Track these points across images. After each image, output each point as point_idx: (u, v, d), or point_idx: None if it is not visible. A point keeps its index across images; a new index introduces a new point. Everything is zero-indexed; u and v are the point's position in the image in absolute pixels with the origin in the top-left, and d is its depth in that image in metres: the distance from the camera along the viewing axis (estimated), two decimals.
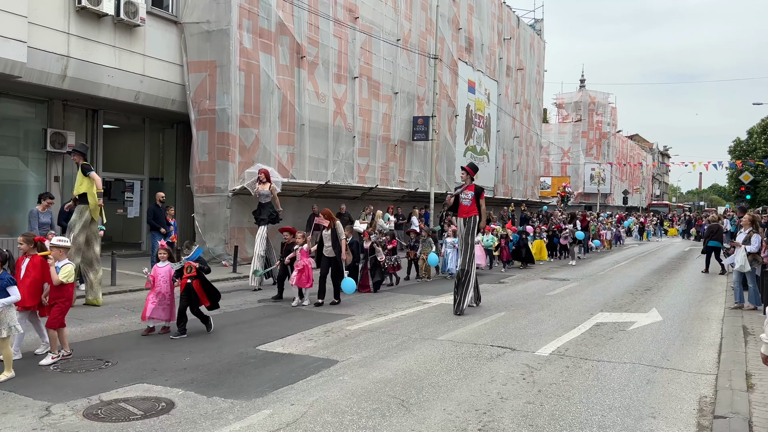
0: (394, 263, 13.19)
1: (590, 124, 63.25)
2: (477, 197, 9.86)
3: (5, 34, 11.38)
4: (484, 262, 15.74)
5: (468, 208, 9.87)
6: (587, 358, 7.06)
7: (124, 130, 17.91)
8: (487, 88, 31.39)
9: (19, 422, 4.69)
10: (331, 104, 19.47)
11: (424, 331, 8.34)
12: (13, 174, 14.73)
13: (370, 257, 12.23)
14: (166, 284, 7.93)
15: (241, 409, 5.08)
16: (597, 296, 12.16)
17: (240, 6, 15.82)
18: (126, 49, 14.55)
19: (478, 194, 9.88)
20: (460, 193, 9.93)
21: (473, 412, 5.13)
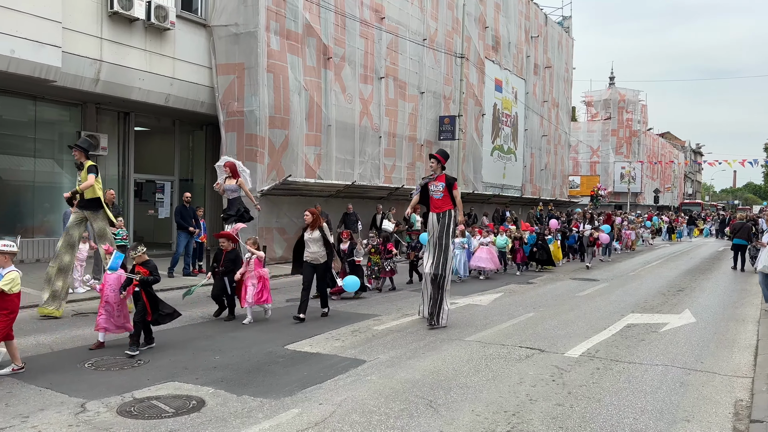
0: (389, 267, 12.27)
1: (620, 122, 62.28)
2: (450, 188, 8.72)
3: (41, 39, 11.68)
4: (495, 265, 14.84)
5: (441, 201, 8.69)
6: (618, 359, 6.95)
7: (154, 132, 18.24)
8: (514, 86, 31.13)
9: (55, 418, 4.80)
10: (358, 105, 19.53)
11: (451, 332, 8.31)
12: (49, 176, 15.11)
13: (348, 260, 11.27)
14: (114, 293, 7.17)
15: (270, 407, 5.13)
16: (628, 297, 11.96)
17: (267, 8, 15.96)
18: (156, 52, 14.80)
19: (450, 185, 8.71)
20: (429, 185, 8.77)
21: (502, 413, 5.09)
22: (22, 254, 13.97)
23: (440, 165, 8.81)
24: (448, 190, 8.69)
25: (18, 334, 7.71)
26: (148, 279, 7.07)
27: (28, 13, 11.45)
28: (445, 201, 8.64)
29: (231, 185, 11.10)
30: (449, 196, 8.68)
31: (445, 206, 8.65)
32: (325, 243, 9.07)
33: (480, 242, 14.70)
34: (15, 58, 11.32)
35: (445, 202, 8.65)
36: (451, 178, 8.77)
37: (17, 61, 11.39)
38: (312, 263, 9.09)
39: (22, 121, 14.45)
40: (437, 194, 8.73)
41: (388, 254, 12.34)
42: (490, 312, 9.99)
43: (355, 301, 10.93)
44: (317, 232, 9.06)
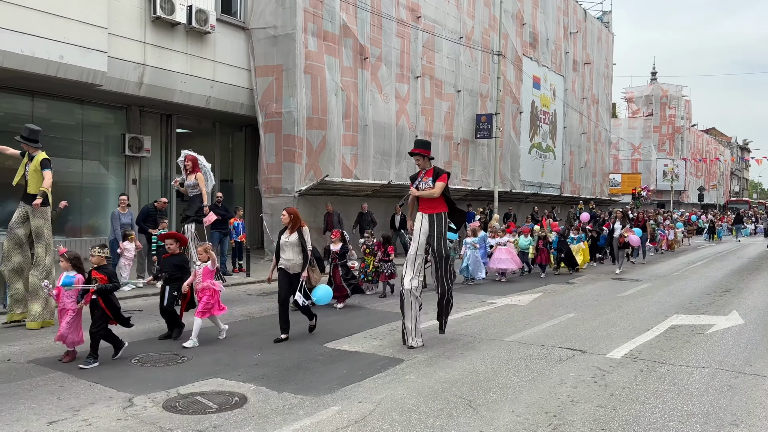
0: (388, 271, 11.36)
1: (662, 118, 60.76)
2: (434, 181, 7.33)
3: (88, 45, 12.05)
4: (517, 264, 14.14)
5: (432, 201, 7.34)
6: (662, 361, 6.79)
7: (195, 134, 18.62)
8: (552, 83, 30.70)
9: (105, 412, 4.96)
10: (394, 104, 19.55)
11: (489, 332, 8.25)
12: (95, 177, 15.59)
13: (341, 263, 10.29)
14: (71, 300, 6.51)
15: (311, 405, 5.19)
16: (672, 298, 11.67)
17: (305, 10, 16.13)
18: (197, 55, 15.11)
19: (436, 179, 7.30)
20: (419, 183, 7.42)
21: (543, 414, 5.04)
22: None
23: (425, 158, 7.50)
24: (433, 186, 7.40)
25: None
26: (105, 287, 6.38)
27: (76, 19, 11.83)
28: (439, 200, 7.35)
29: (191, 181, 10.13)
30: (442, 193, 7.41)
31: (439, 207, 7.33)
32: (303, 249, 7.70)
33: (497, 243, 13.96)
34: (64, 64, 11.72)
35: (438, 202, 7.35)
36: (440, 171, 7.46)
37: (66, 67, 11.79)
38: (287, 271, 7.69)
39: (70, 125, 14.94)
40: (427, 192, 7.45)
41: (387, 257, 11.33)
42: (529, 312, 9.88)
43: (392, 300, 10.94)
44: (295, 236, 7.71)
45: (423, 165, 7.50)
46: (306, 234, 7.82)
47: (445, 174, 7.40)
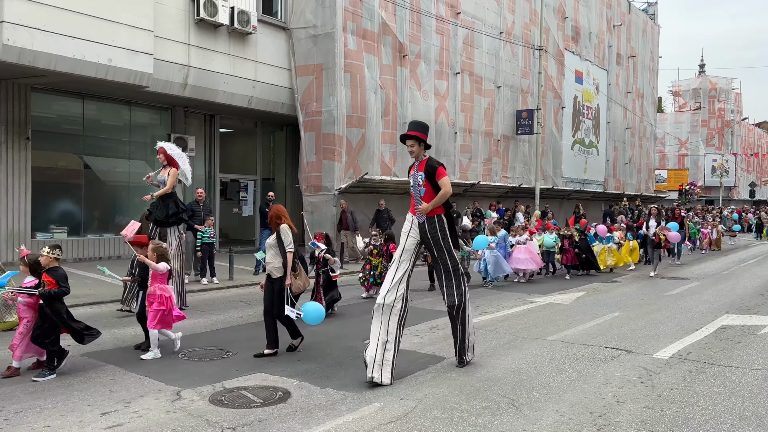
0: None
1: (711, 111, 58.84)
2: (431, 179, 6.01)
3: (136, 48, 12.40)
4: (537, 264, 13.32)
5: (425, 198, 6.04)
6: (712, 362, 6.60)
7: (238, 133, 18.95)
8: (595, 77, 30.08)
9: (154, 404, 5.11)
10: (433, 101, 19.49)
11: (532, 331, 8.16)
12: (142, 177, 15.98)
13: (323, 270, 9.20)
14: (24, 308, 6.01)
15: (353, 401, 5.23)
16: (721, 297, 11.31)
17: (344, 9, 16.23)
18: (239, 56, 15.38)
19: (431, 174, 6.00)
20: (409, 175, 6.33)
21: (587, 414, 4.96)
22: (118, 250, 14.94)
23: (419, 143, 6.10)
24: (429, 182, 6.03)
25: (118, 326, 8.28)
26: (50, 293, 5.83)
27: (124, 23, 12.19)
28: (429, 196, 6.04)
29: (163, 177, 9.05)
30: (431, 189, 6.04)
31: (433, 210, 6.04)
32: (281, 251, 6.79)
33: (516, 242, 13.23)
34: (112, 66, 12.08)
35: (429, 199, 6.03)
36: (434, 164, 6.08)
37: (114, 69, 12.15)
38: (269, 276, 6.92)
39: (117, 126, 15.41)
40: (417, 189, 6.10)
41: (391, 257, 10.13)
42: (572, 311, 9.73)
43: (431, 297, 10.93)
44: (274, 236, 6.90)
45: (417, 153, 6.13)
46: (285, 234, 6.79)
47: (442, 167, 6.09)
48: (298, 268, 6.92)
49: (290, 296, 6.76)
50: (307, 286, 7.09)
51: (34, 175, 13.46)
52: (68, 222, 14.34)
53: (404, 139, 6.24)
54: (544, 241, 13.88)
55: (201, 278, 11.89)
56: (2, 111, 12.92)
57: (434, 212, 6.05)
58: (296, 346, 6.99)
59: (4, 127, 12.97)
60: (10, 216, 13.16)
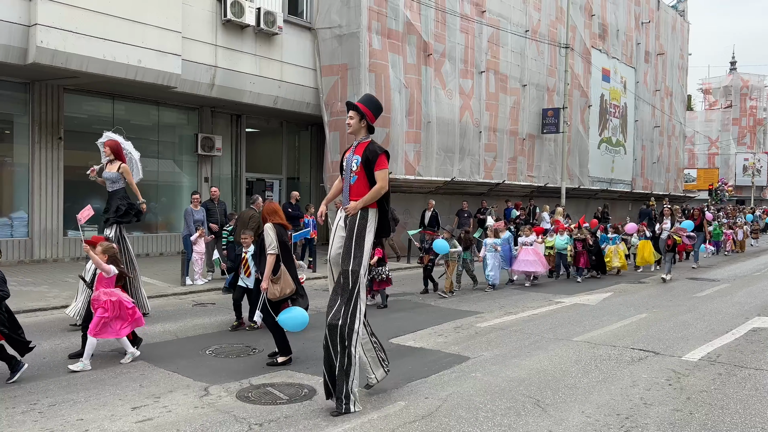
0: (383, 276, 9.83)
1: (742, 109, 57.59)
2: (368, 168, 5.04)
3: (164, 49, 12.62)
4: (544, 267, 12.71)
5: (355, 188, 5.11)
6: (743, 365, 6.48)
7: (264, 133, 19.14)
8: (623, 76, 29.66)
9: (183, 400, 5.21)
10: (458, 100, 19.43)
11: (557, 331, 8.10)
12: (170, 176, 16.30)
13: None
14: None
15: (378, 399, 5.26)
16: (753, 299, 11.08)
17: (369, 9, 16.27)
18: (265, 56, 15.53)
19: (369, 161, 5.03)
20: (344, 157, 5.31)
21: (614, 416, 4.92)
22: (148, 248, 15.21)
23: (363, 122, 5.14)
24: (365, 171, 5.05)
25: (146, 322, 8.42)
26: None
27: (153, 25, 12.40)
28: (362, 188, 5.06)
29: (111, 173, 8.27)
30: (366, 180, 5.06)
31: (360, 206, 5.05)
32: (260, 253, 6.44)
33: (522, 243, 12.71)
34: (141, 67, 12.31)
35: (361, 192, 5.05)
36: (376, 150, 5.07)
37: (143, 70, 12.38)
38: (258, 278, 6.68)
39: (146, 125, 15.68)
40: (348, 175, 5.16)
41: (379, 262, 9.79)
42: (598, 312, 9.63)
43: (456, 297, 10.91)
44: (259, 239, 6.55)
45: (355, 129, 5.14)
46: (266, 233, 6.25)
47: (384, 156, 5.09)
48: (279, 272, 6.24)
49: (264, 301, 6.19)
50: (287, 293, 6.30)
51: (65, 174, 13.78)
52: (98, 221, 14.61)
53: (347, 110, 5.28)
54: (556, 243, 13.35)
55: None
56: (36, 112, 13.25)
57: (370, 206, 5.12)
58: (276, 362, 6.29)
59: (38, 128, 13.30)
60: (43, 215, 13.50)
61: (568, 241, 13.28)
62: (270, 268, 6.17)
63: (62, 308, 8.58)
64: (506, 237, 12.60)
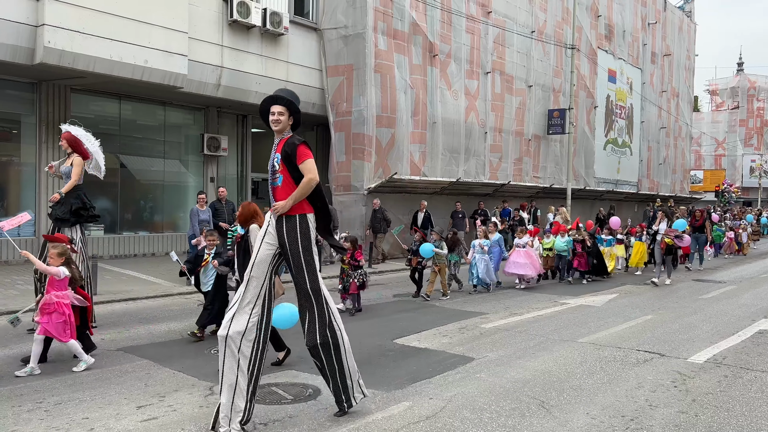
0: (358, 280, 9.17)
1: (749, 111, 57.25)
2: (289, 163, 4.56)
3: (171, 49, 12.66)
4: (536, 270, 12.24)
5: (281, 191, 4.61)
6: (749, 368, 6.45)
7: (269, 133, 18.91)
8: (629, 76, 29.58)
9: (188, 399, 5.23)
10: (463, 101, 19.42)
11: (563, 333, 8.08)
12: (176, 176, 16.34)
13: None
14: None
15: (382, 399, 5.26)
16: (759, 301, 11.03)
17: (375, 9, 16.28)
18: (271, 57, 15.56)
19: (289, 155, 4.55)
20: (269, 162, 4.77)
21: (619, 418, 4.91)
22: (153, 247, 15.26)
23: (291, 118, 4.68)
24: (287, 168, 4.57)
25: (152, 321, 8.47)
26: None
27: (160, 25, 12.45)
28: (290, 189, 4.57)
29: (65, 168, 7.73)
30: (291, 178, 4.57)
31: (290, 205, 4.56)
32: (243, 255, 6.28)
33: (515, 244, 12.41)
34: (148, 68, 12.35)
35: (290, 193, 4.55)
36: (294, 142, 4.58)
37: (150, 70, 12.42)
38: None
39: (152, 125, 15.74)
40: (273, 177, 4.67)
41: (356, 263, 9.24)
42: (604, 313, 9.60)
43: (461, 298, 10.90)
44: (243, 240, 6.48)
45: (284, 127, 4.63)
46: (252, 234, 5.94)
47: (304, 146, 4.58)
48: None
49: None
50: (280, 294, 6.00)
51: None
52: (104, 220, 14.70)
53: (269, 104, 4.65)
54: (556, 244, 13.09)
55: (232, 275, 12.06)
56: (43, 112, 13.31)
57: (295, 210, 4.56)
58: (281, 360, 6.32)
59: (45, 128, 13.35)
60: None
61: (569, 243, 12.98)
62: None
63: None
64: (496, 239, 12.28)
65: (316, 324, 4.66)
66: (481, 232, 12.00)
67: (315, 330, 4.66)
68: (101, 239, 14.36)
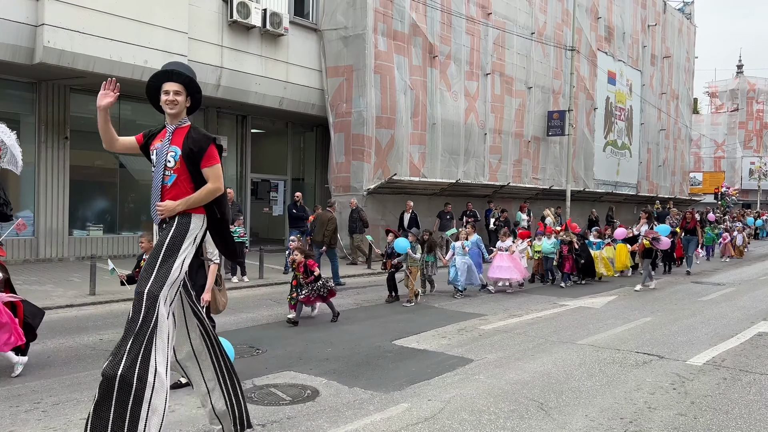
0: (320, 290, 8.41)
1: (749, 113, 57.29)
2: (192, 162, 3.83)
3: (171, 50, 12.65)
4: (521, 274, 11.87)
5: (175, 190, 3.86)
6: (748, 370, 6.44)
7: (269, 134, 19.17)
8: (629, 78, 29.60)
9: (186, 400, 5.21)
10: (463, 102, 19.43)
11: (562, 334, 8.08)
12: None
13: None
14: None
15: (381, 401, 5.26)
16: (758, 303, 11.03)
17: (375, 10, 16.29)
18: (271, 57, 15.56)
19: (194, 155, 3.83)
20: (151, 147, 3.99)
21: (618, 420, 4.90)
22: None
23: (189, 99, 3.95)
24: (187, 167, 3.84)
25: None
26: None
27: (160, 25, 12.45)
28: (184, 191, 3.86)
29: None
30: (190, 180, 3.86)
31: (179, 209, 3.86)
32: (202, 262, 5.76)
33: (498, 247, 12.04)
34: (148, 68, 12.33)
35: (182, 190, 3.86)
36: (202, 141, 3.87)
37: (150, 71, 12.36)
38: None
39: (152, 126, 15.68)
40: (160, 172, 3.89)
41: (310, 275, 8.42)
42: (603, 315, 9.60)
43: (461, 299, 10.90)
44: None
45: (179, 111, 3.90)
46: (208, 240, 5.39)
47: (213, 146, 3.89)
48: (221, 283, 5.83)
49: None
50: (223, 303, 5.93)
51: (71, 173, 13.83)
52: (104, 220, 14.70)
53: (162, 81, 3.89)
54: (543, 247, 12.83)
55: (232, 276, 12.07)
56: (42, 111, 13.30)
57: (192, 211, 3.91)
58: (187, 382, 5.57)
59: (44, 127, 13.35)
60: (49, 214, 13.55)
61: (555, 245, 12.72)
62: (213, 278, 5.65)
63: (67, 307, 8.62)
64: (474, 240, 11.89)
65: (126, 348, 3.45)
66: (462, 234, 11.69)
67: (122, 356, 3.43)
68: (100, 239, 14.35)
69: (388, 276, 10.60)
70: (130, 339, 3.47)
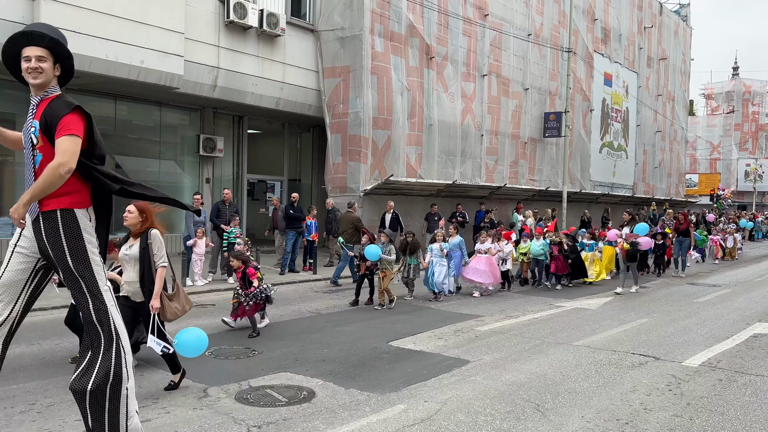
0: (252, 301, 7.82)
1: (744, 115, 57.54)
2: (50, 136, 3.29)
3: (167, 50, 12.63)
4: (495, 279, 11.53)
5: (38, 174, 3.35)
6: (744, 371, 6.46)
7: (265, 134, 19.14)
8: (625, 80, 29.66)
9: (182, 401, 5.20)
10: (460, 103, 19.43)
11: (558, 336, 8.08)
12: (171, 176, 16.29)
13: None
14: None
15: (377, 402, 5.25)
16: (754, 305, 11.06)
17: (372, 11, 16.28)
18: (268, 58, 15.54)
19: (50, 125, 3.29)
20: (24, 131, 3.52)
21: (614, 421, 4.90)
22: None
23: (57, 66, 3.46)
24: (48, 140, 3.34)
25: None
26: None
27: (156, 26, 12.42)
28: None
29: None
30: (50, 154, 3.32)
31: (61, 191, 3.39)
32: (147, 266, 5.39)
33: (477, 250, 11.66)
34: (144, 68, 12.32)
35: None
36: (60, 107, 3.34)
37: (146, 71, 12.39)
38: (129, 299, 5.47)
39: (148, 126, 15.69)
40: (29, 154, 3.46)
41: (249, 286, 7.90)
42: (599, 316, 9.61)
43: (457, 300, 10.90)
44: (137, 246, 5.44)
45: (47, 78, 3.40)
46: (157, 242, 5.38)
47: (77, 114, 3.34)
48: (175, 288, 5.62)
49: (158, 324, 5.27)
50: (187, 309, 5.66)
51: None
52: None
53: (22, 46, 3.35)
54: (532, 248, 12.59)
55: (228, 277, 12.05)
56: None
57: (52, 204, 3.37)
58: (177, 383, 5.51)
59: None
60: None
61: (545, 246, 12.50)
62: (161, 283, 5.33)
63: (63, 308, 8.55)
64: (456, 242, 11.49)
65: (97, 363, 3.41)
66: (440, 236, 11.29)
67: (92, 371, 3.39)
68: None
69: (358, 279, 10.31)
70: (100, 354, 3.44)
